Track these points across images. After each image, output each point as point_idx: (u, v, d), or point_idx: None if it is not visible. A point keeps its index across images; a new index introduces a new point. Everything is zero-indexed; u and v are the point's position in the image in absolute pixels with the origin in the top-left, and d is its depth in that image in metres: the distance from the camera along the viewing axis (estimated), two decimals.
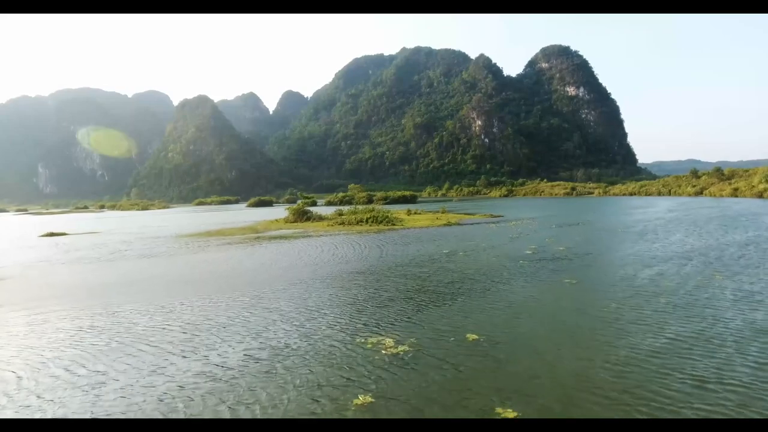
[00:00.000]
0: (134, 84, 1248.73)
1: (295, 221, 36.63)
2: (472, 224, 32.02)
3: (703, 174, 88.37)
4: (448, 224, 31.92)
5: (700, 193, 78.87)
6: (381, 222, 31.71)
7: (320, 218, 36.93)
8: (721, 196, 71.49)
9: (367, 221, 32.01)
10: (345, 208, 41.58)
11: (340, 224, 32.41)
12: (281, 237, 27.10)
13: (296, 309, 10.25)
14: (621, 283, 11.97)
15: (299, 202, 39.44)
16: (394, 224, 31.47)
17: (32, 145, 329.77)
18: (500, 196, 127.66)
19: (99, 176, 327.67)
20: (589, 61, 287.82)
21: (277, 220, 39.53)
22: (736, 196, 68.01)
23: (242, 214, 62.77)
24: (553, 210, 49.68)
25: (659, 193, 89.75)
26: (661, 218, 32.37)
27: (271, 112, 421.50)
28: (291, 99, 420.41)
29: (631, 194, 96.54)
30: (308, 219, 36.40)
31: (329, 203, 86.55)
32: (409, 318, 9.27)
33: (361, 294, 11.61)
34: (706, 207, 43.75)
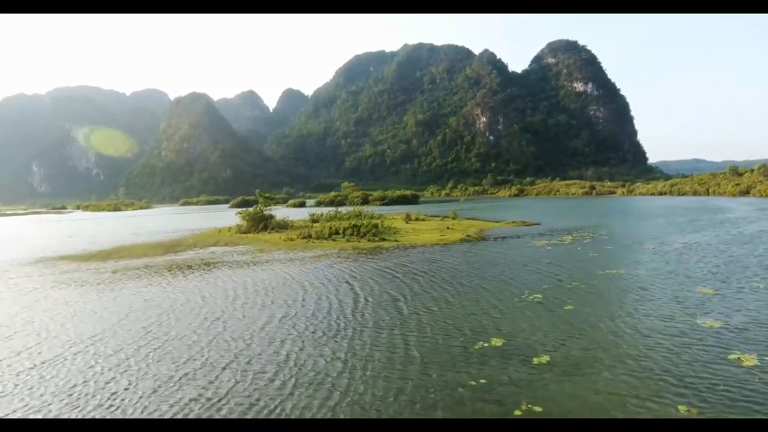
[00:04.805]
0: (133, 82, 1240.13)
1: (248, 231, 26.05)
2: (505, 239, 21.17)
3: (745, 171, 78.76)
4: (468, 239, 20.91)
5: (746, 192, 68.59)
6: (365, 235, 20.95)
7: (284, 226, 26.35)
8: None
9: (344, 233, 21.31)
10: (325, 211, 31.34)
11: (305, 237, 21.72)
12: (195, 265, 16.48)
13: None
14: None
15: (257, 205, 28.86)
16: (384, 238, 20.78)
17: (29, 143, 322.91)
18: (510, 195, 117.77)
19: (94, 175, 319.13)
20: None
21: (229, 229, 28.86)
22: None
23: (211, 218, 52.73)
24: (595, 215, 38.84)
25: (694, 193, 79.03)
26: None
27: (271, 111, 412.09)
28: (291, 97, 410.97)
29: (660, 194, 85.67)
30: (266, 228, 25.76)
31: (320, 204, 76.00)
32: None
33: None
34: None
